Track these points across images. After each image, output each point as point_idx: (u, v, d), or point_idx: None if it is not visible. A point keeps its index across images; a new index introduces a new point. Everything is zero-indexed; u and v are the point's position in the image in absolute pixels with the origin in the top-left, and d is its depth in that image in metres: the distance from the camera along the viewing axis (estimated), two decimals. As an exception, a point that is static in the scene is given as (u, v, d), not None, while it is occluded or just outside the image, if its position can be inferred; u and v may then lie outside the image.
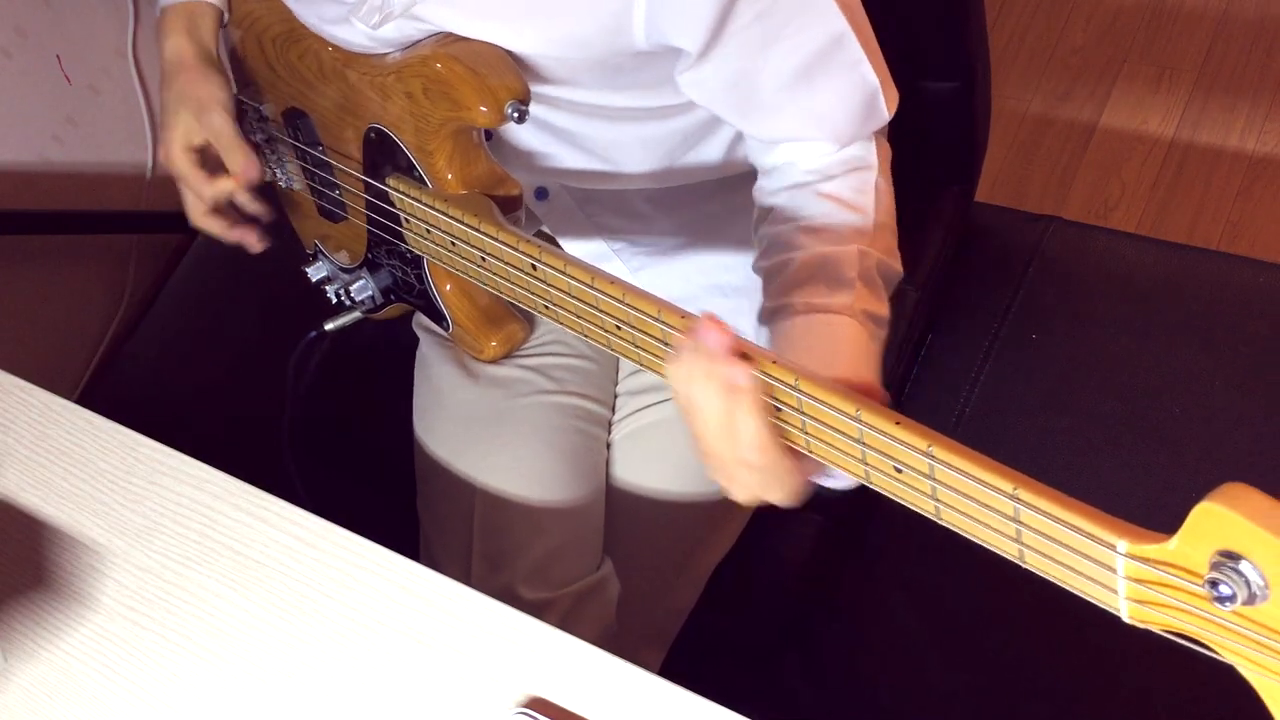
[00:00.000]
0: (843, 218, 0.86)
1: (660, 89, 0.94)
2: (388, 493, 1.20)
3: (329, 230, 1.11)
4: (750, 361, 0.67)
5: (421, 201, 0.91)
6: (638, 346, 0.76)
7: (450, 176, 0.91)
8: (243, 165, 0.99)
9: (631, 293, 0.74)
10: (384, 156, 0.95)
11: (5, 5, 1.48)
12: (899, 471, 0.63)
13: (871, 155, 0.91)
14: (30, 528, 0.90)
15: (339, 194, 1.05)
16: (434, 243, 0.92)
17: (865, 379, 0.77)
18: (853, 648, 1.18)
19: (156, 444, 0.92)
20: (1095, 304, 1.26)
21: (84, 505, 0.90)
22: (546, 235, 1.10)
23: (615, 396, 1.13)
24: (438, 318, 1.04)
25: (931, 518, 0.63)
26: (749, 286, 1.06)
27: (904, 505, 0.65)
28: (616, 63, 0.88)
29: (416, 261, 1.00)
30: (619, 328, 0.77)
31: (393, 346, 1.22)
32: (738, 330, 0.69)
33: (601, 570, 1.04)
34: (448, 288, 1.01)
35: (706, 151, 1.04)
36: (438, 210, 0.89)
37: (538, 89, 0.89)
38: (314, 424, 1.29)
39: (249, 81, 1.08)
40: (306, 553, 0.83)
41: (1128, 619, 0.55)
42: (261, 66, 1.05)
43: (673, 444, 1.07)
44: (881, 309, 0.84)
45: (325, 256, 1.14)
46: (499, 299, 1.04)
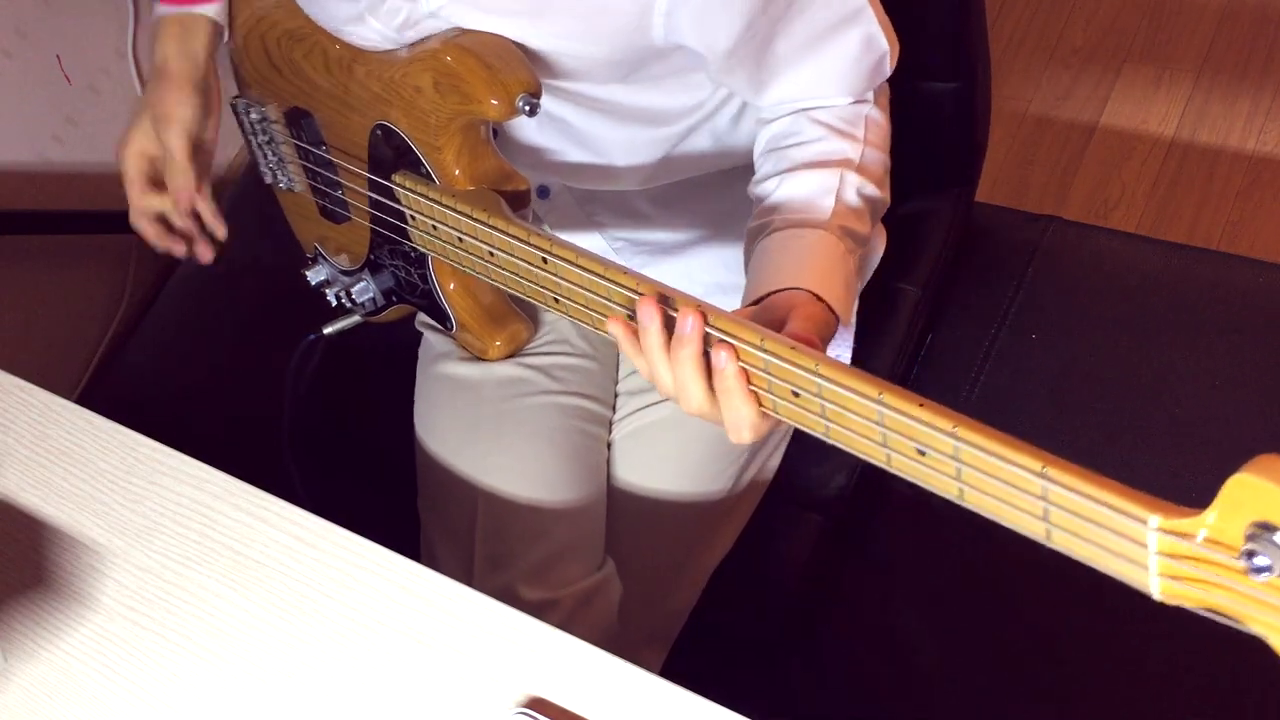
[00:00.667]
0: (830, 143, 0.88)
1: (669, 83, 0.94)
2: (388, 493, 1.20)
3: (330, 232, 1.11)
4: (764, 348, 0.68)
5: (429, 197, 0.91)
6: None
7: (458, 172, 0.91)
8: (179, 187, 1.00)
9: (646, 284, 0.74)
10: (390, 153, 0.95)
11: (5, 5, 1.48)
12: (922, 454, 0.62)
13: (872, 99, 0.93)
14: (30, 528, 0.90)
15: (342, 194, 1.05)
16: (441, 239, 0.92)
17: (832, 291, 0.80)
18: (853, 647, 1.18)
19: (156, 444, 0.92)
20: (1095, 304, 1.25)
21: (84, 505, 0.90)
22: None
23: (616, 396, 1.13)
24: (441, 318, 1.04)
25: (955, 500, 0.63)
26: (750, 286, 1.06)
27: (926, 488, 0.64)
28: (632, 58, 0.88)
29: (420, 261, 1.00)
30: (631, 318, 0.77)
31: (393, 347, 1.22)
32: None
33: (603, 570, 1.04)
34: (451, 287, 1.01)
35: (699, 140, 1.04)
36: (446, 206, 0.89)
37: (546, 83, 0.89)
38: (314, 425, 1.29)
39: (251, 82, 1.08)
40: (306, 553, 0.83)
41: (1159, 596, 0.54)
42: (265, 67, 1.05)
43: (673, 443, 1.07)
44: (859, 227, 0.87)
45: (325, 259, 1.13)
46: (503, 298, 1.04)
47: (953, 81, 1.22)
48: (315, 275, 1.14)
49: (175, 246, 1.07)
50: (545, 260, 0.81)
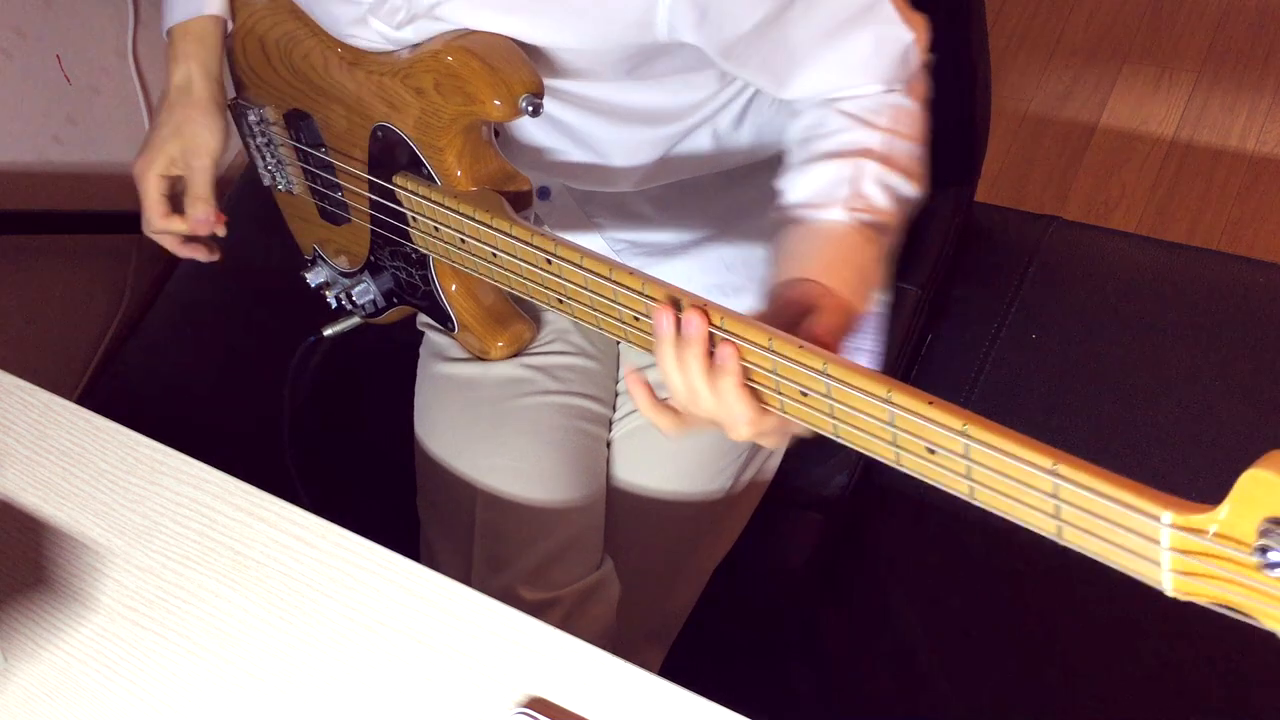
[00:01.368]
0: (852, 134, 0.87)
1: (676, 82, 0.94)
2: (388, 494, 1.20)
3: (329, 234, 1.11)
4: (772, 349, 0.68)
5: (430, 199, 0.90)
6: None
7: (460, 173, 0.91)
8: (199, 217, 1.03)
9: (651, 284, 0.74)
10: (391, 155, 0.95)
11: (5, 5, 1.48)
12: (932, 453, 0.62)
13: (897, 83, 0.92)
14: (30, 528, 0.90)
15: (341, 195, 1.05)
16: (443, 241, 0.92)
17: (841, 278, 0.80)
18: (853, 647, 1.18)
19: (156, 444, 0.92)
20: (1095, 304, 1.25)
21: (84, 505, 0.90)
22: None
23: (616, 395, 1.13)
24: (443, 319, 1.04)
25: (965, 498, 0.63)
26: (750, 286, 1.06)
27: (936, 486, 0.64)
28: (633, 55, 0.88)
29: (422, 262, 1.00)
30: (637, 319, 0.76)
31: (392, 348, 1.22)
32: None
33: (602, 570, 1.04)
34: (453, 288, 1.00)
35: (698, 140, 1.04)
36: (448, 207, 0.89)
37: (549, 83, 0.89)
38: (314, 425, 1.29)
39: (249, 84, 1.08)
40: (306, 553, 0.83)
41: (1171, 592, 0.55)
42: (263, 69, 1.04)
43: (673, 443, 1.07)
44: (879, 216, 0.85)
45: (324, 261, 1.13)
46: (505, 298, 1.04)
47: (953, 81, 1.22)
48: (314, 277, 1.14)
49: (197, 252, 1.09)
50: (549, 261, 0.81)
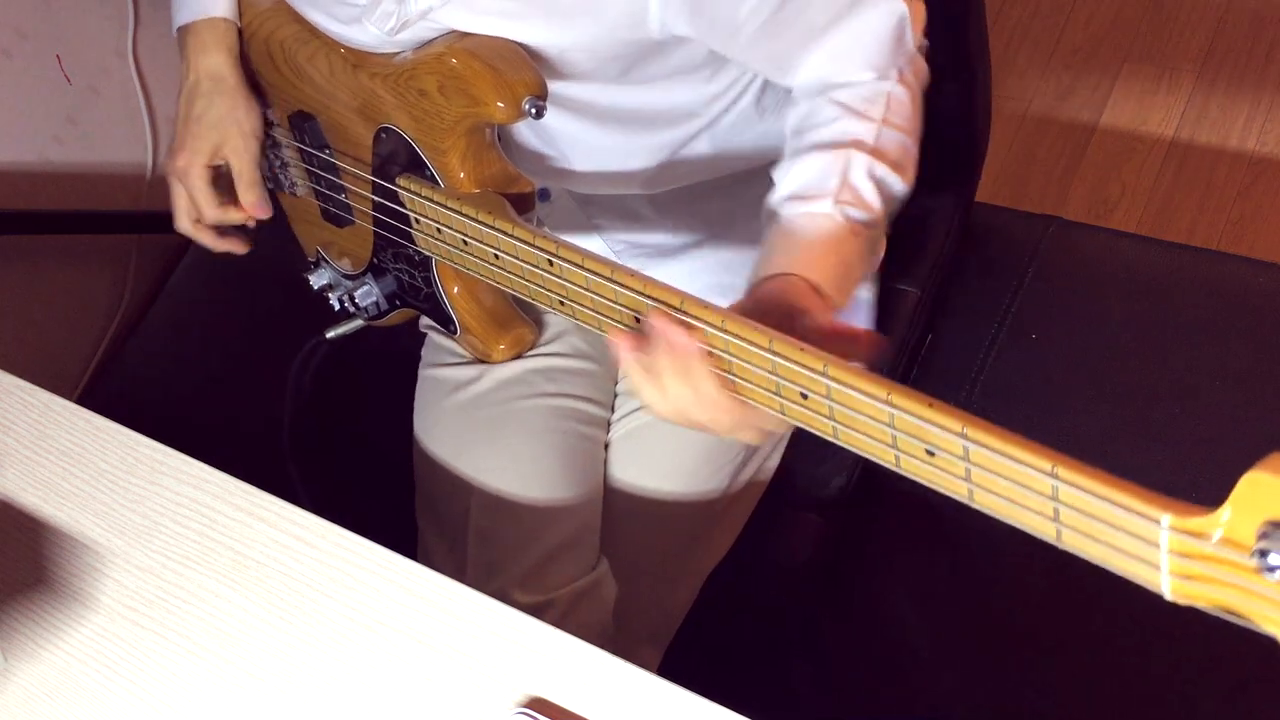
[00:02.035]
0: (843, 125, 0.87)
1: (672, 84, 0.94)
2: (388, 495, 1.20)
3: (333, 236, 1.11)
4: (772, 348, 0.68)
5: (433, 200, 0.90)
6: None
7: (463, 175, 0.91)
8: (255, 202, 1.03)
9: (653, 285, 0.74)
10: (394, 156, 0.95)
11: (5, 5, 1.48)
12: (931, 455, 0.62)
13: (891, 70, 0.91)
14: (30, 528, 0.90)
15: (345, 197, 1.05)
16: (445, 242, 0.92)
17: (825, 274, 0.80)
18: (853, 647, 1.18)
19: (156, 444, 0.92)
20: (1095, 304, 1.25)
21: (84, 505, 0.90)
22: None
23: (615, 397, 1.12)
24: (445, 321, 1.04)
25: (964, 501, 0.63)
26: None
27: (935, 489, 0.64)
28: (628, 55, 0.88)
29: (424, 264, 1.00)
30: (638, 320, 0.76)
31: (393, 350, 1.22)
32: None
33: (597, 570, 1.04)
34: (455, 290, 1.00)
35: (698, 145, 1.04)
36: (451, 209, 0.89)
37: (550, 85, 0.89)
38: (314, 425, 1.29)
39: (255, 85, 1.08)
40: (306, 553, 0.83)
41: (1170, 595, 0.54)
42: (268, 70, 1.04)
43: (670, 443, 1.07)
44: (865, 209, 0.85)
45: (328, 263, 1.13)
46: (507, 300, 1.04)
47: (953, 81, 1.22)
48: (318, 279, 1.14)
49: (236, 245, 1.09)
50: (551, 263, 0.81)
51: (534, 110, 0.85)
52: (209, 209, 1.03)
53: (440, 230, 0.92)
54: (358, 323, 1.11)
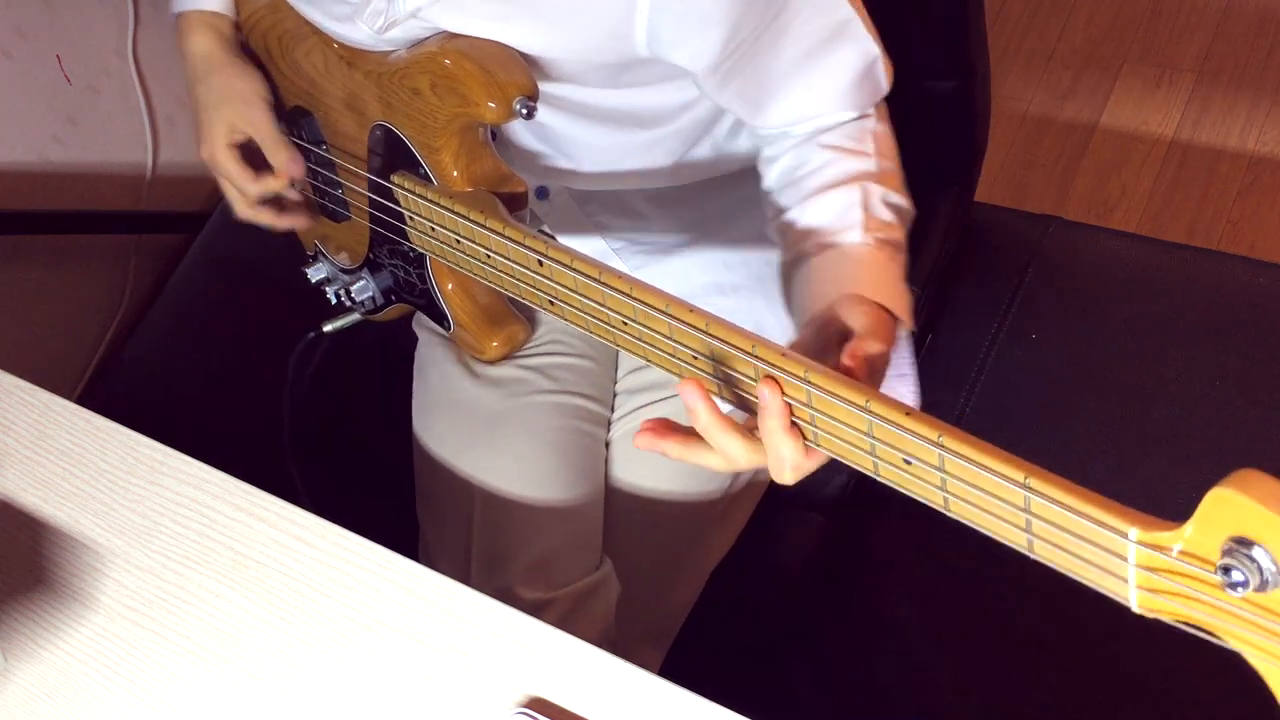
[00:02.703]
0: (844, 164, 0.87)
1: (663, 87, 0.94)
2: (388, 493, 1.20)
3: (330, 231, 1.11)
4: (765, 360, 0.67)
5: (426, 198, 0.91)
6: (644, 342, 0.76)
7: (456, 173, 0.91)
8: (286, 161, 1.00)
9: (639, 287, 0.74)
10: (389, 154, 0.95)
11: (5, 5, 1.48)
12: (908, 464, 0.63)
13: (869, 108, 0.92)
14: (30, 528, 0.90)
15: (342, 193, 1.05)
16: (439, 240, 0.92)
17: (884, 293, 0.78)
18: (853, 647, 1.18)
19: (156, 444, 0.92)
20: (1095, 304, 1.25)
21: (84, 505, 0.90)
22: (546, 234, 1.10)
23: (614, 395, 1.13)
24: (439, 318, 1.04)
25: (940, 509, 0.63)
26: (748, 285, 1.06)
27: (912, 497, 0.64)
28: (616, 62, 0.88)
29: (419, 261, 1.00)
30: (625, 323, 0.77)
31: (393, 347, 1.22)
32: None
33: (601, 570, 1.04)
34: (449, 287, 1.01)
35: (699, 151, 1.04)
36: (443, 207, 0.89)
37: (543, 87, 0.90)
38: (314, 424, 1.29)
39: None
40: (306, 553, 0.83)
41: (1137, 608, 0.55)
42: (267, 65, 1.05)
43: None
44: (894, 234, 0.85)
45: (326, 257, 1.13)
46: (500, 299, 1.04)
47: (953, 81, 1.22)
48: (315, 273, 1.14)
49: (298, 220, 1.07)
50: (541, 263, 0.81)
51: (524, 111, 0.85)
52: (247, 186, 1.01)
53: (434, 228, 0.92)
54: (354, 317, 1.12)
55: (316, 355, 1.34)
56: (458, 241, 0.90)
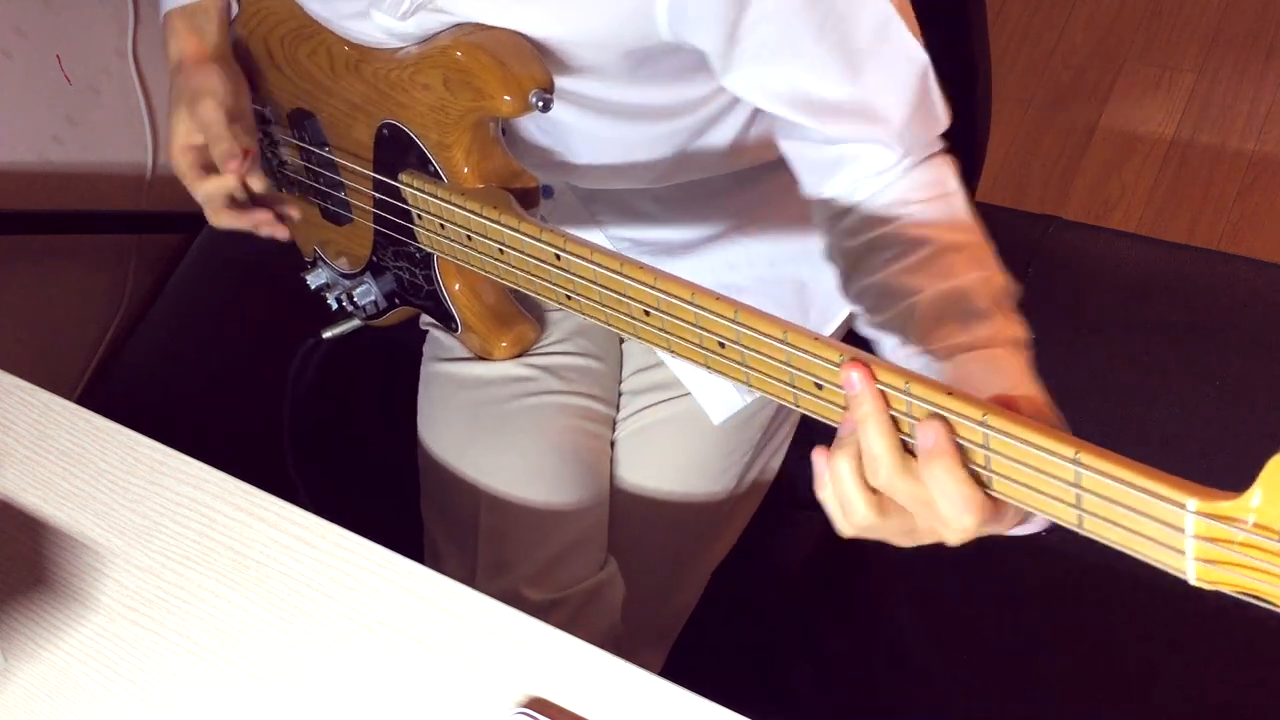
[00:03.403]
0: (951, 248, 0.82)
1: (680, 81, 0.93)
2: (387, 494, 1.20)
3: (331, 235, 1.10)
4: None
5: (437, 196, 0.90)
6: (667, 332, 0.76)
7: (467, 170, 0.91)
8: (224, 154, 0.94)
9: (663, 278, 0.74)
10: (397, 153, 0.95)
11: (5, 5, 1.48)
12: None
13: (948, 177, 0.87)
14: (30, 528, 0.90)
15: (344, 195, 1.04)
16: (448, 238, 0.92)
17: (1032, 397, 0.73)
18: (854, 647, 1.18)
19: (156, 444, 0.92)
20: (1095, 304, 1.25)
21: (84, 505, 0.90)
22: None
23: (620, 395, 1.12)
24: (446, 319, 1.04)
25: (983, 489, 0.62)
26: (753, 286, 1.06)
27: None
28: (641, 52, 0.87)
29: (426, 261, 1.00)
30: (648, 313, 0.76)
31: (395, 349, 1.22)
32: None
33: (606, 570, 1.04)
34: (457, 287, 1.00)
35: (716, 137, 1.02)
36: (455, 204, 0.88)
37: (559, 82, 0.89)
38: (314, 425, 1.29)
39: (252, 83, 1.07)
40: (306, 553, 0.83)
41: (1195, 580, 0.54)
42: (267, 67, 1.04)
43: (676, 443, 1.07)
44: (1022, 331, 0.79)
45: (325, 263, 1.13)
46: (508, 298, 1.04)
47: (952, 81, 1.21)
48: (315, 279, 1.13)
49: (277, 231, 1.00)
50: (559, 257, 0.80)
51: (541, 103, 0.85)
52: (194, 186, 0.98)
53: (443, 226, 0.92)
54: (355, 322, 1.11)
55: (316, 359, 1.34)
56: (469, 239, 0.89)
